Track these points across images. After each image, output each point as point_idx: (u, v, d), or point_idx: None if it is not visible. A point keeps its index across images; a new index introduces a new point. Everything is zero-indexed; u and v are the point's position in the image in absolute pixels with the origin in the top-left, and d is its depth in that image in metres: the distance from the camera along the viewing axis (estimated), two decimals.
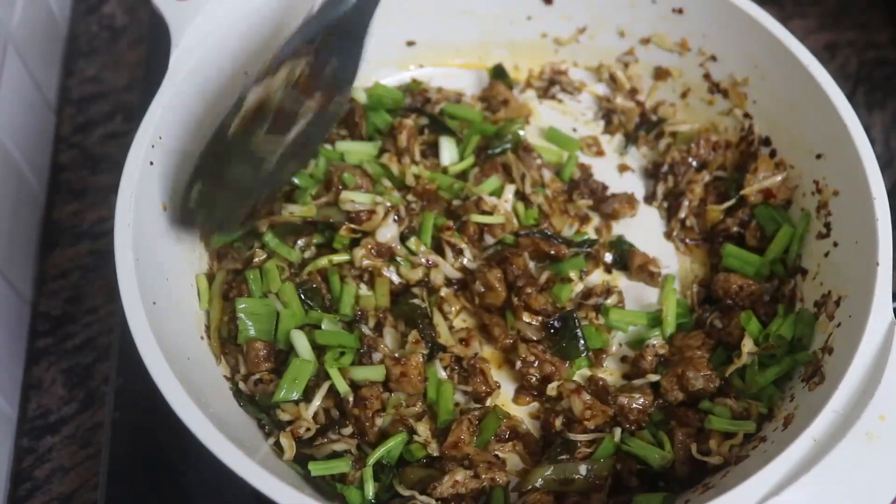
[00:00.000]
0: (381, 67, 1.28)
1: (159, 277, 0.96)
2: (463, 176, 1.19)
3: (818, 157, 1.07)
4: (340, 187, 1.11)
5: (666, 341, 1.08)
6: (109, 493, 1.01)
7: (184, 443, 0.82)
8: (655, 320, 1.09)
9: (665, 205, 1.21)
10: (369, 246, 1.08)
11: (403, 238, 1.11)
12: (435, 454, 0.99)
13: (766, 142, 1.16)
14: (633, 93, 1.28)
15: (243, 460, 0.80)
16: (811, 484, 0.80)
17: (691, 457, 0.97)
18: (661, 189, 1.21)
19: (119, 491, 1.02)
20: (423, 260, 1.10)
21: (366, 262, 1.08)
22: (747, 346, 1.03)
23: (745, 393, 1.02)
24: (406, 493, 0.95)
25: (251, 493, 0.80)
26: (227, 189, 1.01)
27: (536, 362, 1.05)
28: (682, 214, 1.18)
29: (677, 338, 1.07)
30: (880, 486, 0.81)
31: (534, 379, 1.05)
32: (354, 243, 1.10)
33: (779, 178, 1.12)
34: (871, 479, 0.81)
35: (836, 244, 1.02)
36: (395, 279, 1.10)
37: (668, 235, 1.19)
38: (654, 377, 1.04)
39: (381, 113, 1.23)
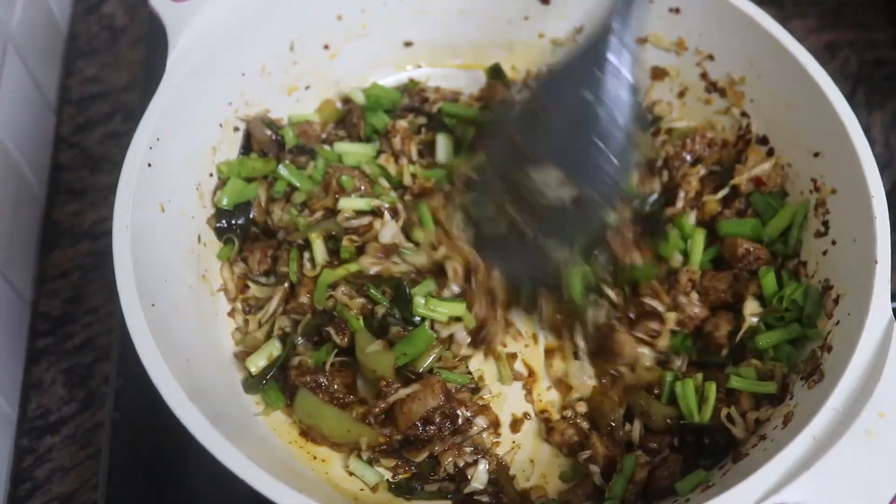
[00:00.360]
0: (379, 68, 1.28)
1: (158, 279, 0.96)
2: None
3: (816, 155, 1.07)
4: (338, 190, 1.11)
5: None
6: (109, 493, 1.01)
7: (184, 443, 0.83)
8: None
9: (662, 199, 1.20)
10: (375, 251, 1.07)
11: (407, 233, 1.10)
12: None
13: (764, 140, 1.16)
14: None
15: (242, 461, 0.80)
16: (811, 482, 0.80)
17: (720, 423, 0.98)
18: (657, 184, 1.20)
19: (119, 491, 1.02)
20: (436, 242, 1.09)
21: (375, 270, 1.07)
22: (748, 308, 1.04)
23: (763, 356, 1.02)
24: None
25: (251, 493, 0.80)
26: None
27: None
28: (679, 206, 1.17)
29: (706, 277, 1.09)
30: (880, 483, 0.81)
31: None
32: (361, 249, 1.09)
33: (767, 165, 1.12)
34: (871, 476, 0.81)
35: (834, 242, 1.02)
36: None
37: None
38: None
39: (379, 113, 1.23)
